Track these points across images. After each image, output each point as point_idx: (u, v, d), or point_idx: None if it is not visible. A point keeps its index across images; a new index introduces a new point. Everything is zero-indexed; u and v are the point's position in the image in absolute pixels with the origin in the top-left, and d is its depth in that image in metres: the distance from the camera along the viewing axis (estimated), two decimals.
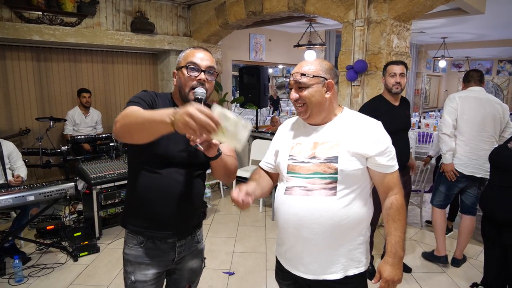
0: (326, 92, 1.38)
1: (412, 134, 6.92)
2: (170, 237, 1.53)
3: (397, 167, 1.41)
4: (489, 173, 2.76)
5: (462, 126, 2.98)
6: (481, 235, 2.37)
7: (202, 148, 1.26)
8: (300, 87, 1.38)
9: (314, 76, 1.36)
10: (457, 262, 3.16)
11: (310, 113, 1.40)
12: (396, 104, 2.85)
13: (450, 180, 3.05)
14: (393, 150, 1.41)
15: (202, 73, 1.44)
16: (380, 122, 1.44)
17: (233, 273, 3.09)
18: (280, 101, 12.36)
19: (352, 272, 1.39)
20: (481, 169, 2.95)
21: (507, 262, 2.19)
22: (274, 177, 1.60)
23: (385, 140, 1.39)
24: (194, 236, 1.63)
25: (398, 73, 2.75)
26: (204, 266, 1.74)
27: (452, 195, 3.16)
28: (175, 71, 1.50)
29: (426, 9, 3.61)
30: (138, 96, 1.44)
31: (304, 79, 1.37)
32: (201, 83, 1.43)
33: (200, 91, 1.40)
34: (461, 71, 13.42)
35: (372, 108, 2.75)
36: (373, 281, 1.41)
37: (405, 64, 2.80)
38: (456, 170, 3.00)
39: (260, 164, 1.65)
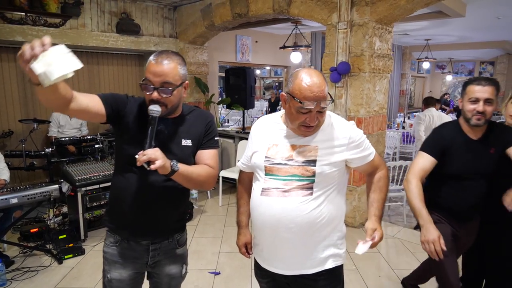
0: None
1: (396, 134, 7.05)
2: (142, 238, 1.54)
3: (374, 151, 1.51)
4: None
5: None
6: None
7: (148, 167, 1.27)
8: (321, 111, 1.33)
9: (332, 99, 1.37)
10: None
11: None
12: (475, 137, 1.98)
13: None
14: (365, 139, 1.48)
15: (155, 91, 1.38)
16: (352, 122, 1.48)
17: (219, 273, 3.11)
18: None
19: (330, 265, 1.44)
20: None
21: (485, 258, 2.27)
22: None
23: (356, 137, 1.44)
24: (172, 240, 1.61)
25: (482, 98, 1.86)
26: (186, 273, 1.71)
27: None
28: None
29: (407, 12, 3.70)
30: (109, 94, 1.47)
31: (325, 105, 1.32)
32: (154, 102, 1.38)
33: (154, 109, 1.37)
34: (445, 72, 13.70)
35: (439, 135, 2.07)
36: (367, 238, 1.42)
37: (495, 84, 1.91)
38: None
39: (239, 165, 1.67)
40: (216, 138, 1.61)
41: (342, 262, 1.49)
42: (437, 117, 4.72)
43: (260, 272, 1.57)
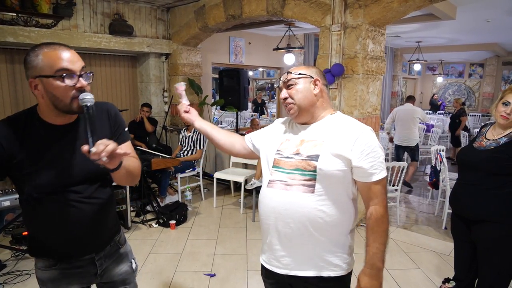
0: (314, 88, 1.43)
1: (387, 136, 7.09)
2: (82, 256, 1.44)
3: (383, 175, 1.35)
4: (409, 143, 5.76)
5: (399, 120, 5.90)
6: (451, 232, 2.47)
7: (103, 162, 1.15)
8: (289, 85, 1.45)
9: (300, 74, 1.43)
10: (408, 184, 5.76)
11: (299, 111, 1.43)
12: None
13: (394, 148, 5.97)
14: (380, 157, 1.35)
15: (80, 78, 1.23)
16: (369, 128, 1.39)
17: (214, 275, 3.11)
18: (266, 104, 12.38)
19: (326, 274, 1.39)
20: (405, 142, 5.77)
21: (476, 257, 2.29)
22: (240, 148, 1.70)
23: (370, 144, 1.34)
24: (113, 244, 1.54)
25: None
26: (137, 266, 1.67)
27: (399, 155, 6.01)
28: (34, 79, 1.22)
29: (400, 14, 3.74)
30: None
31: (290, 76, 1.45)
32: (81, 91, 1.23)
33: (88, 97, 1.21)
34: (435, 74, 13.86)
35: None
36: None
37: None
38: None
39: (245, 136, 1.72)
40: (126, 129, 1.50)
41: (343, 273, 1.42)
42: (403, 110, 5.90)
43: (266, 271, 1.55)
